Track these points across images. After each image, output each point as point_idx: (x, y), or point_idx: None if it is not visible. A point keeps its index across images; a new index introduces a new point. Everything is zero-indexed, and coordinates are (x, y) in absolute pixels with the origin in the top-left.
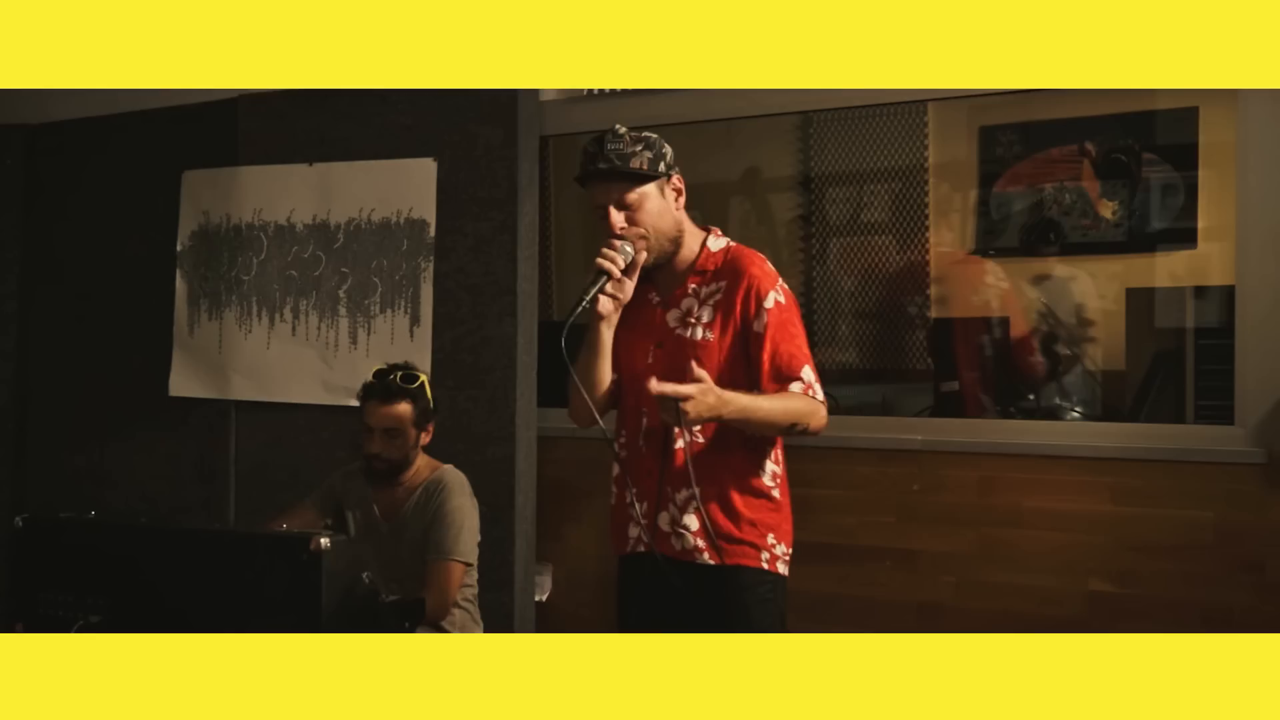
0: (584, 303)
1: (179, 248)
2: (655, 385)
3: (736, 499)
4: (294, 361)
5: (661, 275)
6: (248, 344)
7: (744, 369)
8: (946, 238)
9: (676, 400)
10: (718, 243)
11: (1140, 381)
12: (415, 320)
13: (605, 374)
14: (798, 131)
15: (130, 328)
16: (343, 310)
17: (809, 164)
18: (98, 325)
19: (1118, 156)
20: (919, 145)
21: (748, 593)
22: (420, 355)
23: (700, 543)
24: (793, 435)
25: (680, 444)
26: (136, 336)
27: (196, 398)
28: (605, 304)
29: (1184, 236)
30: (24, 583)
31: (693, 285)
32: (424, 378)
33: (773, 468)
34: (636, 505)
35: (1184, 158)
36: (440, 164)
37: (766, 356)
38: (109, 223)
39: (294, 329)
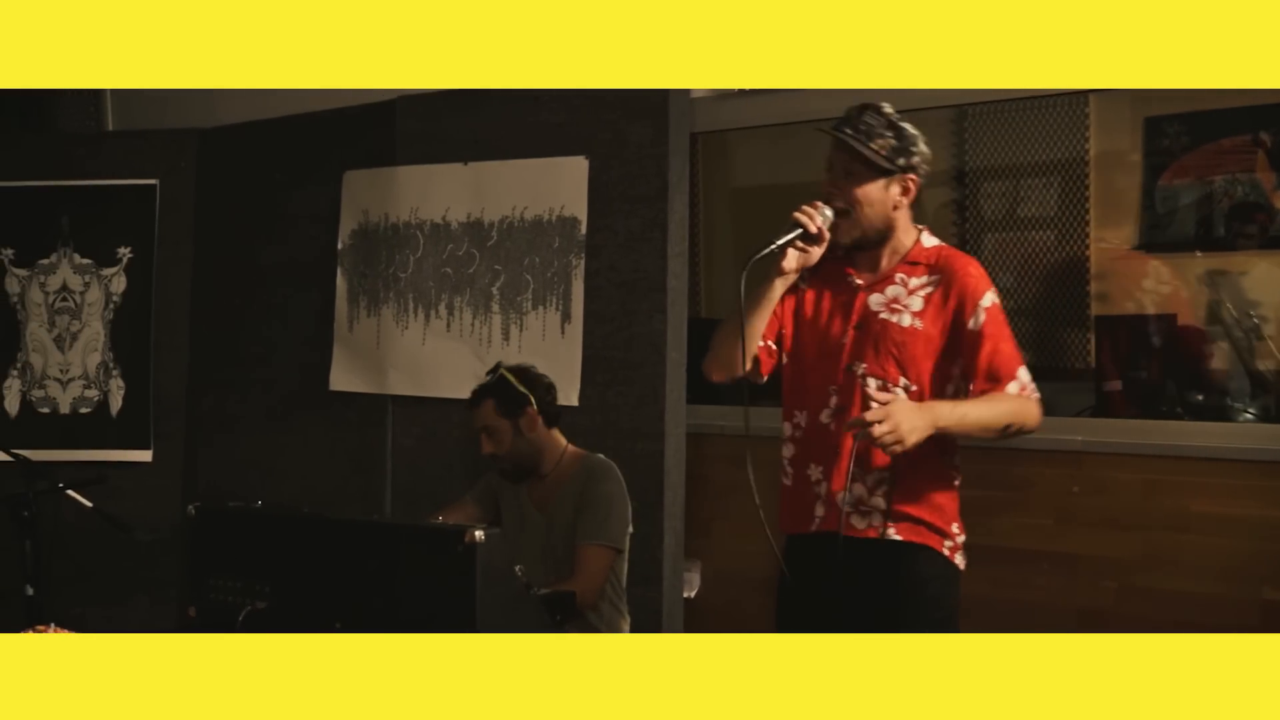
0: (772, 247)
1: (340, 246)
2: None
3: (924, 482)
4: (449, 357)
5: (866, 259)
6: (404, 340)
7: (949, 363)
8: (1109, 233)
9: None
10: (930, 239)
11: None
12: (566, 317)
13: (762, 329)
14: (952, 124)
15: (295, 324)
16: (496, 307)
17: (963, 157)
18: (265, 321)
19: None
20: (1080, 137)
21: (930, 584)
22: (571, 351)
23: (889, 521)
24: (1006, 436)
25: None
26: (301, 332)
27: (355, 392)
28: (791, 259)
29: None
30: (197, 569)
31: (901, 274)
32: (503, 370)
33: (955, 458)
34: (824, 483)
35: None
36: (591, 162)
37: (985, 355)
38: (275, 221)
39: (449, 325)
